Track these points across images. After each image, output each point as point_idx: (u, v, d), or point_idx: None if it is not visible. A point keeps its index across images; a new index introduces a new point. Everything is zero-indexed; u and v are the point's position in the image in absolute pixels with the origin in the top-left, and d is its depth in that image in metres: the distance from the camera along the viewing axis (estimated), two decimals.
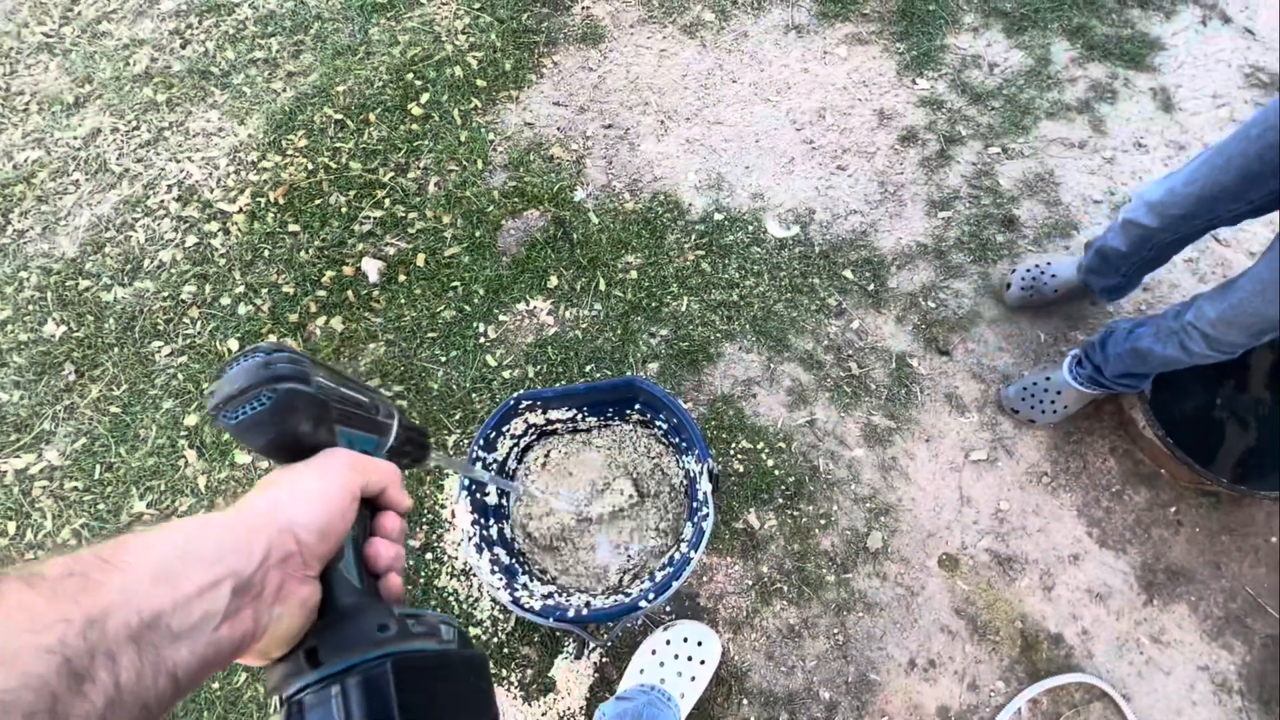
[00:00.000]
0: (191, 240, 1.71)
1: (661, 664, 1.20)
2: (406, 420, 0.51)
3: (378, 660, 0.35)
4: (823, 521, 1.36)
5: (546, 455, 1.24)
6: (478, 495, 1.14)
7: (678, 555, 1.10)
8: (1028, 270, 1.52)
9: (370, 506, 0.43)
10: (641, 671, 1.20)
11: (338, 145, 1.81)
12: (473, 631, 1.29)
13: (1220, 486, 1.27)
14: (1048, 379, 1.40)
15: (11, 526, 1.41)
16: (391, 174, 1.77)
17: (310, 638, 0.36)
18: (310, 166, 1.78)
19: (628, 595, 1.09)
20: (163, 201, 1.77)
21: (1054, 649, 1.26)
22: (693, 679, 1.19)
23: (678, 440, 1.20)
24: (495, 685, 1.24)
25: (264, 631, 0.34)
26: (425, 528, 1.39)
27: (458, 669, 0.40)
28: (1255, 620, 1.28)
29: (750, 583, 1.32)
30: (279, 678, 0.36)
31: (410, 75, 1.90)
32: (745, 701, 1.23)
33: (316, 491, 0.38)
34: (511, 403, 1.14)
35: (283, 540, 0.35)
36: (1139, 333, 1.21)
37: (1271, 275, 0.96)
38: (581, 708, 1.24)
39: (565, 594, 1.11)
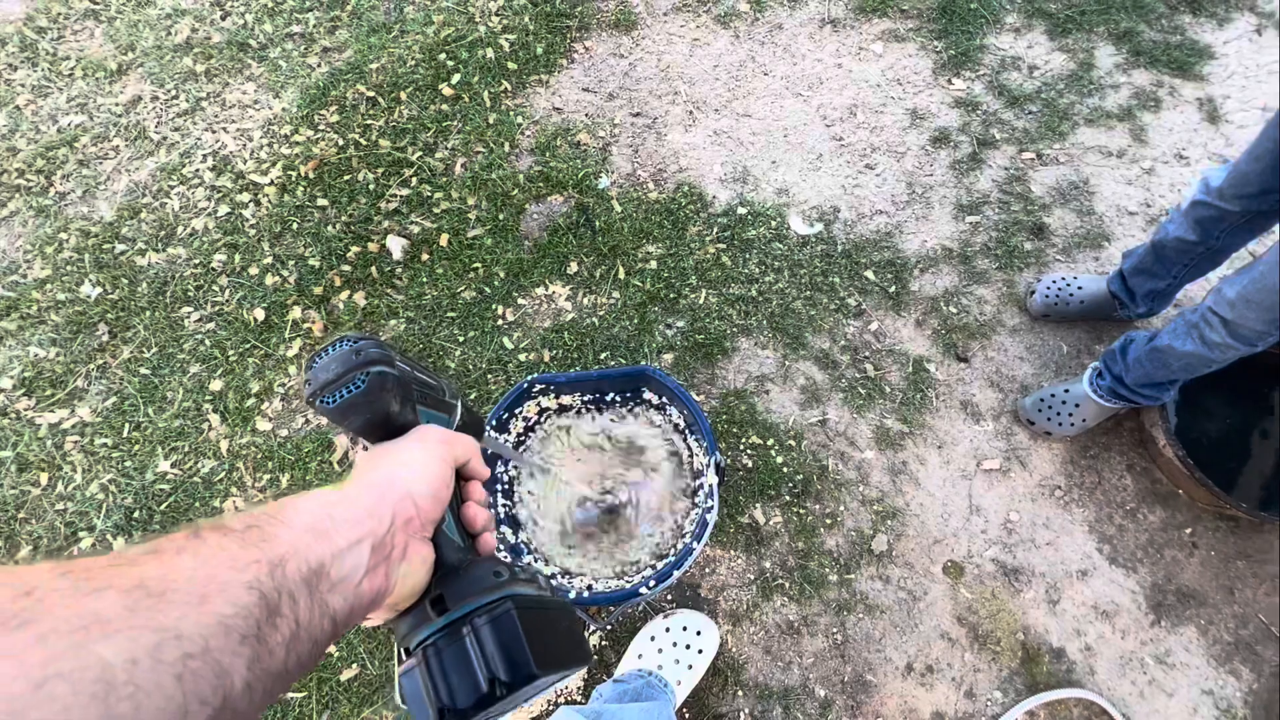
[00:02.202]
0: (224, 210, 1.75)
1: (660, 651, 1.22)
2: (466, 402, 0.56)
3: (499, 600, 0.39)
4: (828, 521, 1.36)
5: (566, 432, 1.25)
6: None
7: (680, 545, 1.11)
8: (1053, 282, 1.50)
9: (456, 476, 0.48)
10: (640, 657, 1.22)
11: (368, 122, 1.83)
12: None
13: (1240, 511, 1.24)
14: (1067, 391, 1.37)
15: (44, 478, 1.47)
16: (420, 153, 1.79)
17: (433, 589, 0.40)
18: (341, 142, 1.81)
19: (629, 581, 1.10)
20: (198, 171, 1.81)
21: (1055, 663, 1.26)
22: (690, 667, 1.21)
23: (686, 431, 1.20)
24: None
25: (394, 587, 0.37)
26: None
27: (561, 611, 0.44)
28: (1266, 648, 1.26)
29: (752, 577, 1.32)
30: (407, 628, 0.40)
31: (443, 55, 1.91)
32: (740, 693, 1.24)
33: (424, 462, 0.42)
34: (525, 385, 1.16)
35: (405, 506, 0.39)
36: (1160, 334, 1.18)
37: None
38: (579, 688, 1.26)
39: (567, 576, 1.13)
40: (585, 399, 1.23)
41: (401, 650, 0.40)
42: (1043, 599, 1.30)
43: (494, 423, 1.15)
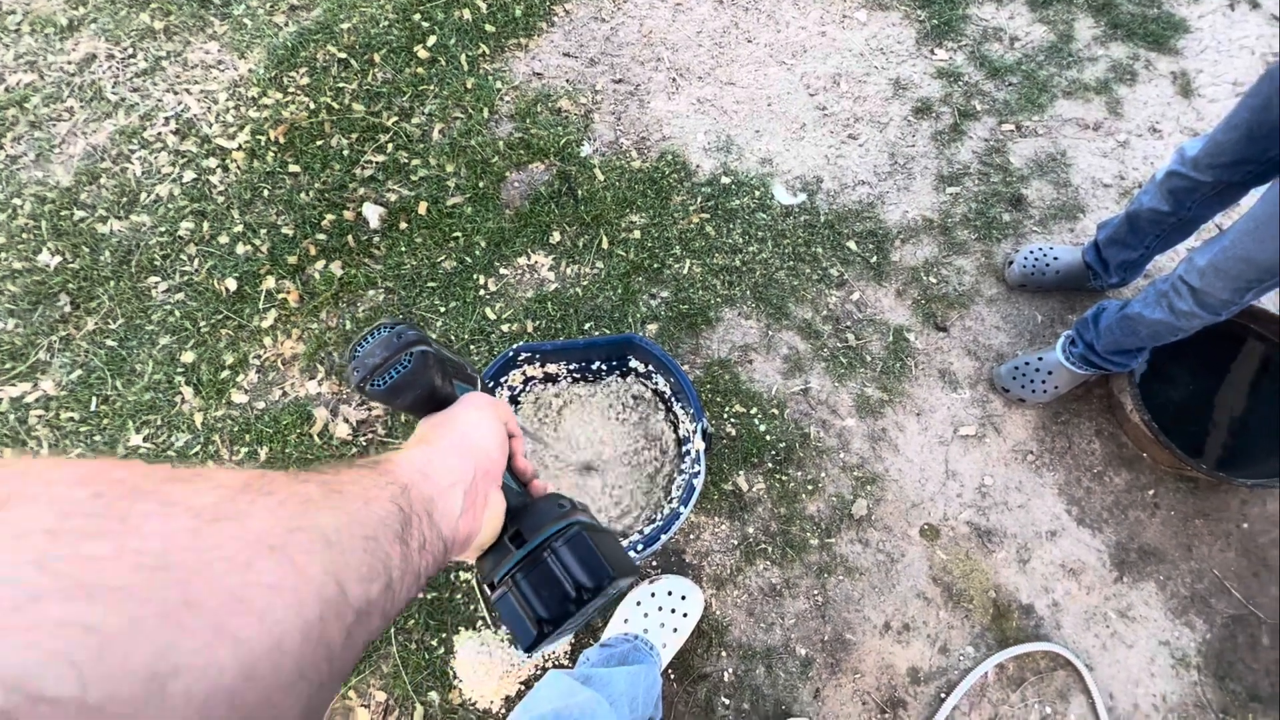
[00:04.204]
0: (189, 176, 1.68)
1: (646, 615, 1.24)
2: (481, 377, 0.60)
3: (569, 525, 0.46)
4: (810, 487, 1.39)
5: (542, 402, 1.25)
6: None
7: (667, 510, 1.12)
8: (1031, 252, 1.52)
9: None
10: (626, 621, 1.24)
11: (341, 85, 1.77)
12: (463, 576, 1.33)
13: (1199, 472, 1.30)
14: (1040, 359, 1.41)
15: (8, 453, 1.42)
16: (395, 118, 1.74)
17: (509, 527, 0.47)
18: (312, 106, 1.74)
19: None
20: (160, 134, 1.73)
21: (1024, 619, 1.31)
22: (675, 630, 1.23)
23: (672, 399, 1.21)
24: (484, 628, 1.28)
25: (479, 529, 0.43)
26: None
27: (614, 535, 0.50)
28: (1219, 601, 1.33)
29: (736, 542, 1.35)
30: (491, 565, 0.46)
31: (418, 16, 1.85)
32: (724, 654, 1.28)
33: (487, 423, 0.48)
34: (510, 354, 1.15)
35: (483, 460, 0.45)
36: (1130, 303, 1.22)
37: (1269, 212, 0.93)
38: (566, 652, 1.28)
39: None
40: (571, 368, 1.23)
41: (485, 586, 0.45)
42: (1014, 559, 1.35)
43: None
